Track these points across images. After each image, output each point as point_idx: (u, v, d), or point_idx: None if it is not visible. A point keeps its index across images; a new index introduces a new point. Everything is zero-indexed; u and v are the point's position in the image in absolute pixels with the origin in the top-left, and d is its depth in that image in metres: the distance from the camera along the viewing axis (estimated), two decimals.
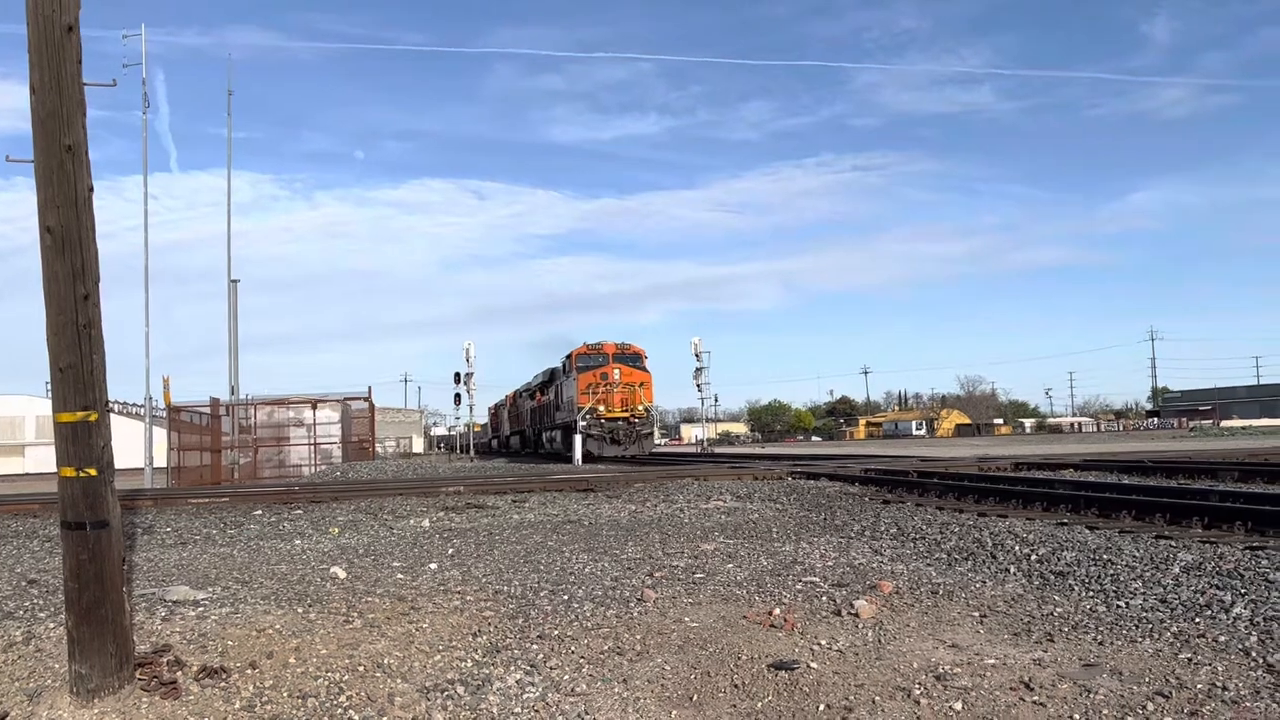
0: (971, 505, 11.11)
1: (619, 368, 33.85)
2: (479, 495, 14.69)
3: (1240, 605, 5.12)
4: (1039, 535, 8.01)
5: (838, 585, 6.27)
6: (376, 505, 13.52)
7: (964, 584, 6.27)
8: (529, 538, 9.36)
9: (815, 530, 9.48)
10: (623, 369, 33.79)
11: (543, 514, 11.82)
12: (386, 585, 6.72)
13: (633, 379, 33.76)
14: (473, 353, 39.46)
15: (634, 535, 9.32)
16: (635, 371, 34.23)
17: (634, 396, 33.34)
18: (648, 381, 34.26)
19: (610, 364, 34.00)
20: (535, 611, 5.67)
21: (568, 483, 16.22)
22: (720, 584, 6.44)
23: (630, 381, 33.59)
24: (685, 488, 14.84)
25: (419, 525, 10.95)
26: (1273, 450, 22.46)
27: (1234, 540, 7.30)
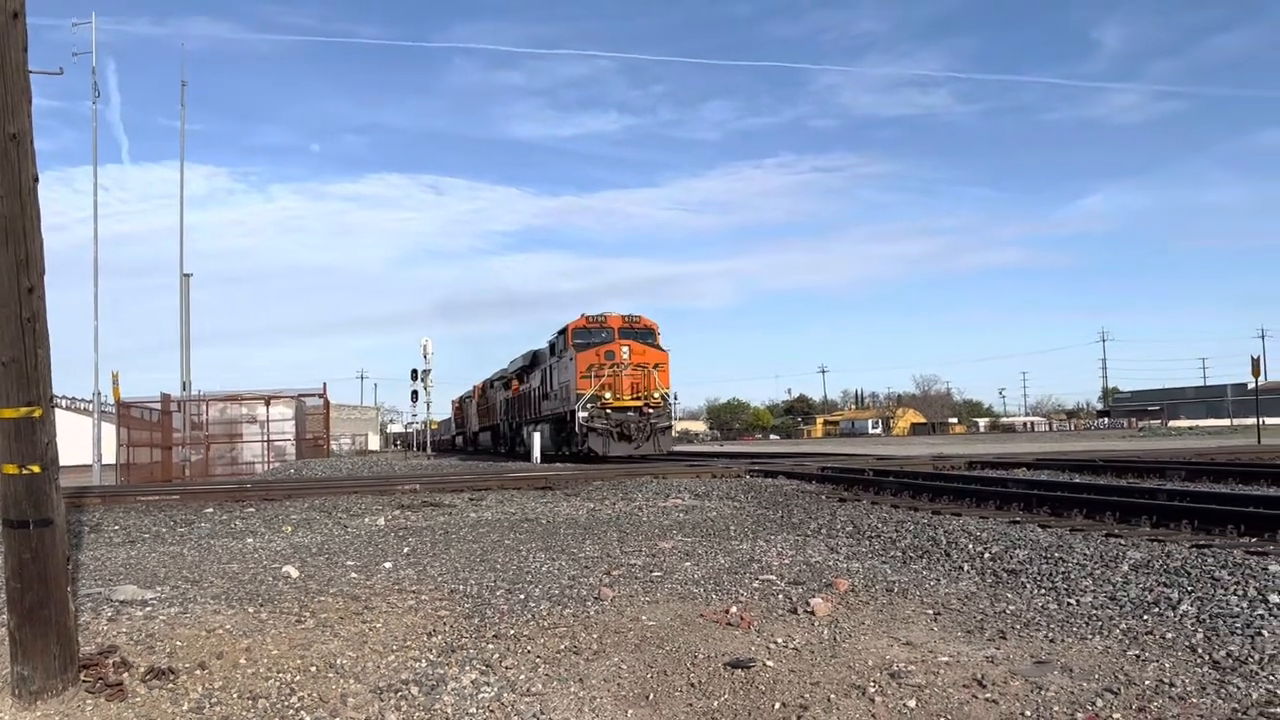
0: (926, 503, 11.22)
1: (628, 344, 27.38)
2: (435, 493, 14.58)
3: (1187, 603, 5.22)
4: (992, 533, 8.10)
5: (794, 583, 6.29)
6: (331, 503, 13.37)
7: (918, 582, 6.32)
8: (486, 536, 9.30)
9: (773, 528, 9.52)
10: (633, 346, 27.38)
11: (500, 512, 11.75)
12: (340, 584, 6.63)
13: (645, 359, 27.47)
14: (430, 349, 39.10)
15: (592, 533, 9.29)
16: (649, 350, 27.84)
17: (648, 381, 27.12)
18: (664, 362, 27.82)
19: (617, 340, 27.63)
20: (491, 611, 5.63)
21: (526, 481, 16.15)
22: (678, 582, 6.43)
23: (643, 362, 27.36)
24: (644, 486, 14.84)
25: (374, 524, 10.84)
26: (1218, 450, 22.97)
27: (1181, 539, 7.44)
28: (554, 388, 30.72)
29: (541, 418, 32.89)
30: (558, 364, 30.07)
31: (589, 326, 28.54)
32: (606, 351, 27.27)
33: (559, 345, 30.17)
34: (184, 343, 33.27)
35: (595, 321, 28.53)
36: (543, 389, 32.76)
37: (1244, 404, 69.26)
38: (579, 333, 28.56)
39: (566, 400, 28.32)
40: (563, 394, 29.07)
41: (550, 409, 31.28)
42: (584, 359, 27.23)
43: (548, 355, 32.27)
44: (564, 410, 28.60)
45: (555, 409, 30.31)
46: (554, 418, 30.49)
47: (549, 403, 31.62)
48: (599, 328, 28.34)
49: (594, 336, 28.17)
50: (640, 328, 28.61)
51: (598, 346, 27.51)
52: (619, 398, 26.81)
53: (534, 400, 34.73)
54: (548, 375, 31.85)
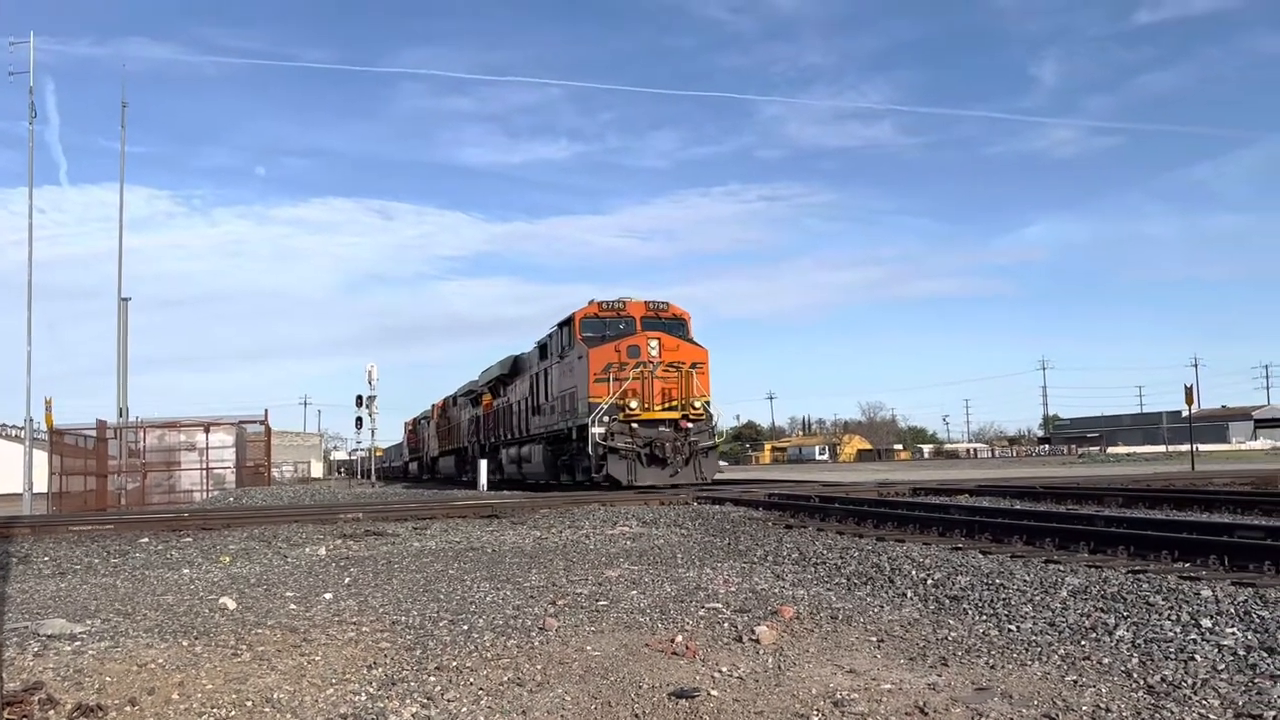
0: (871, 530, 11.31)
1: (657, 337, 21.35)
2: (379, 522, 14.36)
3: (1123, 628, 5.31)
4: (935, 560, 8.19)
5: (740, 611, 6.29)
6: (271, 532, 13.11)
7: (863, 609, 6.36)
8: (429, 566, 9.17)
9: (719, 555, 9.52)
10: (663, 340, 21.37)
11: (444, 541, 11.61)
12: (278, 616, 6.50)
13: (680, 356, 21.34)
14: (375, 375, 38.45)
15: (538, 562, 9.21)
16: (684, 345, 21.74)
17: (685, 385, 21.01)
18: (703, 362, 21.78)
19: (640, 332, 21.70)
20: (433, 642, 5.55)
21: (471, 509, 15.99)
22: (624, 611, 6.40)
23: (678, 361, 21.19)
24: (591, 513, 14.77)
25: (315, 553, 10.64)
26: (1153, 476, 23.49)
27: (1118, 564, 7.57)
28: (549, 397, 24.63)
29: (528, 437, 26.88)
30: (558, 366, 23.80)
31: (602, 315, 22.25)
32: (629, 347, 21.05)
33: (559, 342, 23.84)
34: (121, 368, 32.55)
35: (610, 309, 22.27)
36: (532, 400, 26.48)
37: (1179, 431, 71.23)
38: (589, 323, 22.23)
39: (571, 412, 22.35)
40: (565, 404, 23.01)
41: (543, 425, 25.02)
42: (598, 357, 21.07)
43: (536, 359, 26.48)
44: (566, 425, 22.58)
45: (552, 424, 24.10)
46: (549, 436, 24.41)
47: (541, 418, 25.31)
48: (615, 316, 22.16)
49: (609, 328, 22.00)
50: (669, 317, 22.50)
51: (615, 341, 21.31)
52: (648, 407, 20.73)
53: (516, 416, 28.74)
54: (539, 383, 25.72)
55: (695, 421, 21.02)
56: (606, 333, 21.99)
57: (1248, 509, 13.00)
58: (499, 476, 31.87)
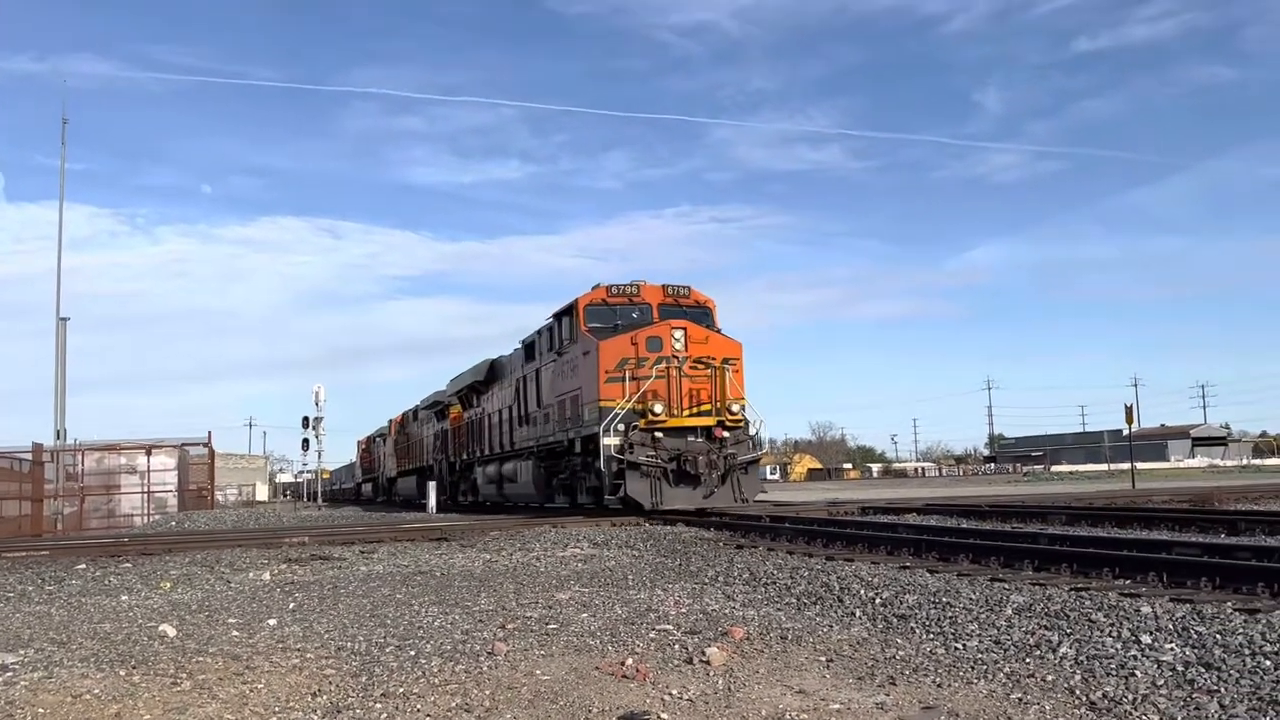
0: (821, 549, 11.38)
1: (683, 327, 17.77)
2: (325, 546, 14.14)
3: (1066, 645, 5.39)
4: (883, 579, 8.25)
5: (691, 633, 6.28)
6: (213, 557, 12.84)
7: (812, 628, 6.38)
8: (376, 590, 9.05)
9: (670, 577, 9.51)
10: (690, 330, 17.77)
11: (392, 565, 11.46)
12: (220, 643, 6.36)
13: (711, 350, 17.78)
14: (322, 396, 37.95)
15: (487, 586, 9.13)
16: (714, 336, 18.17)
17: (719, 385, 17.47)
18: (737, 358, 18.07)
19: (658, 321, 18.14)
20: (380, 668, 5.46)
21: (420, 532, 15.81)
22: (574, 634, 6.36)
23: (707, 356, 17.63)
24: (542, 535, 14.68)
25: (259, 578, 10.44)
26: (1096, 495, 23.97)
27: (1061, 582, 7.70)
28: (541, 404, 20.96)
29: (512, 451, 23.34)
30: (554, 366, 20.09)
31: (611, 301, 18.70)
32: (648, 339, 17.42)
33: (556, 336, 20.06)
34: (59, 389, 31.79)
35: (621, 294, 18.74)
36: (518, 408, 22.79)
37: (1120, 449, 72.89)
38: (595, 311, 18.63)
39: (573, 419, 18.72)
40: (564, 410, 19.31)
41: (533, 437, 21.42)
42: (611, 350, 17.41)
43: (521, 362, 22.95)
44: (566, 436, 19.10)
45: (546, 436, 20.49)
46: (541, 450, 20.88)
47: (531, 428, 21.71)
48: (627, 303, 18.66)
49: (620, 317, 18.45)
50: (690, 304, 18.93)
51: (631, 331, 17.69)
52: (674, 412, 17.18)
53: (495, 428, 25.06)
54: (526, 388, 22.14)
55: (732, 429, 17.29)
56: (618, 322, 18.32)
57: (1185, 526, 13.31)
58: (471, 499, 29.00)
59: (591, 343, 17.92)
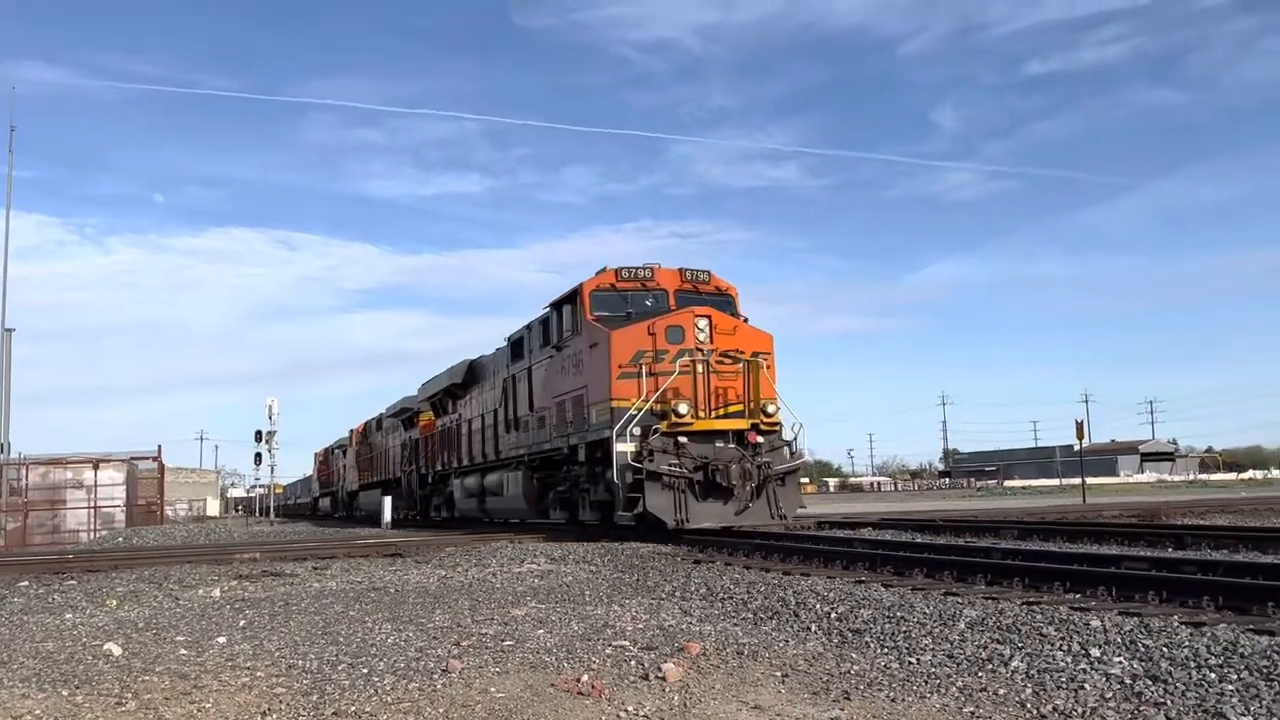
0: (778, 564, 11.41)
1: (707, 315, 15.51)
2: (277, 562, 13.94)
3: (1018, 659, 5.45)
4: (839, 593, 8.29)
5: (647, 648, 6.27)
6: (162, 574, 12.59)
7: (768, 643, 6.39)
8: (329, 607, 8.92)
9: (628, 592, 9.48)
10: (715, 319, 15.51)
11: (345, 581, 11.31)
12: (168, 662, 6.23)
13: (738, 343, 15.52)
14: (276, 409, 37.46)
15: (442, 602, 9.04)
16: (742, 327, 15.89)
17: (753, 384, 15.26)
18: (769, 352, 15.78)
19: (680, 311, 15.79)
20: (331, 687, 5.38)
21: (374, 548, 15.64)
22: (530, 651, 6.31)
23: (735, 350, 15.39)
24: (499, 551, 14.58)
25: (208, 595, 10.26)
26: (1047, 509, 24.32)
27: (1013, 596, 7.79)
28: (534, 406, 18.65)
29: (497, 461, 20.99)
30: (551, 362, 17.69)
31: (622, 287, 16.34)
32: (668, 328, 15.11)
33: (554, 328, 17.61)
34: (3, 403, 31.03)
35: (633, 278, 16.36)
36: (505, 412, 20.45)
37: (1071, 464, 74.07)
38: (603, 298, 16.25)
39: (576, 423, 16.38)
40: (564, 412, 16.92)
41: (524, 444, 19.23)
42: (625, 341, 15.07)
43: (507, 361, 20.65)
44: (567, 443, 16.72)
45: (540, 442, 18.25)
46: (535, 458, 18.74)
47: (521, 434, 19.39)
48: (640, 289, 16.35)
49: (632, 303, 16.23)
50: (711, 292, 16.61)
51: (647, 320, 15.38)
52: (702, 414, 14.88)
53: (476, 435, 22.77)
54: (515, 389, 19.85)
55: (767, 434, 15.05)
56: (629, 310, 16.10)
57: (1134, 540, 13.55)
58: (446, 515, 26.97)
59: (601, 333, 15.40)
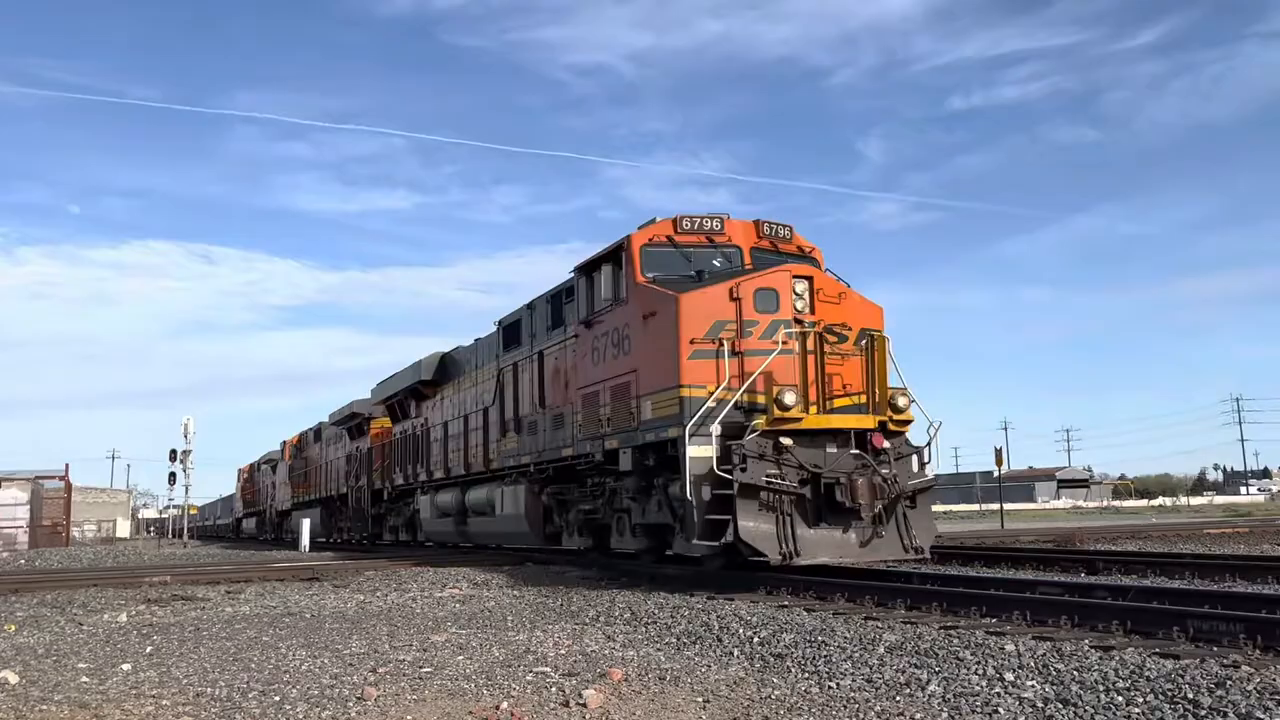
0: (702, 588, 11.40)
1: (807, 275, 11.58)
2: (188, 586, 13.50)
3: (935, 683, 5.52)
4: (761, 618, 8.32)
5: (569, 674, 6.20)
6: (65, 598, 12.11)
7: (690, 668, 6.37)
8: (241, 633, 8.66)
9: (551, 617, 9.39)
10: (818, 282, 11.60)
11: (260, 606, 11.00)
12: (68, 690, 5.98)
13: (846, 314, 11.67)
14: (192, 428, 36.44)
15: (360, 628, 8.84)
16: (850, 294, 12.03)
17: (875, 368, 11.37)
18: (879, 325, 12.02)
19: (769, 270, 11.70)
20: (241, 715, 5.21)
21: (290, 571, 15.26)
22: (448, 678, 6.20)
23: (840, 325, 11.49)
24: (420, 575, 14.34)
25: (114, 620, 9.89)
26: (967, 534, 24.82)
27: (931, 621, 7.90)
28: (546, 402, 14.92)
29: (488, 474, 17.48)
30: (579, 343, 13.74)
31: (682, 240, 12.49)
32: (758, 292, 11.30)
33: (585, 298, 13.60)
34: None
35: (696, 230, 12.50)
36: (501, 411, 16.84)
37: (990, 490, 75.77)
38: (658, 255, 12.44)
39: (619, 419, 12.47)
40: (599, 408, 13.01)
41: (529, 450, 15.46)
42: (697, 308, 11.31)
43: (498, 349, 17.21)
44: (603, 446, 12.85)
45: (558, 446, 14.37)
46: (544, 470, 15.03)
47: (524, 438, 15.77)
48: (705, 244, 12.48)
49: (696, 263, 12.33)
50: (792, 252, 12.82)
51: (728, 281, 11.52)
52: (814, 406, 11.02)
53: (453, 440, 19.55)
54: (517, 380, 16.26)
55: (894, 436, 11.27)
56: (695, 271, 12.13)
57: (1049, 566, 13.88)
58: (406, 538, 23.64)
59: (664, 299, 11.56)
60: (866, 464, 10.79)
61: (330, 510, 30.29)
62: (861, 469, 10.75)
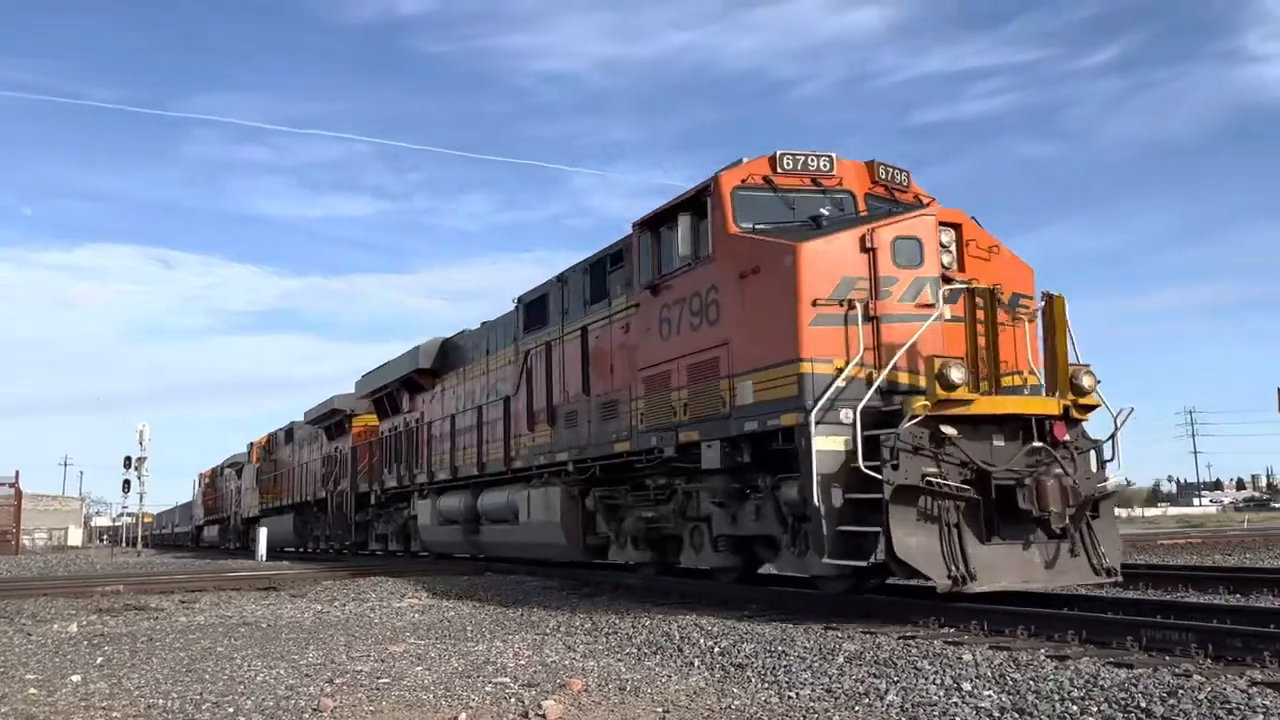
0: (664, 597, 11.40)
1: (955, 221, 9.47)
2: (141, 595, 13.28)
3: (893, 693, 5.56)
4: (723, 628, 8.33)
5: (528, 685, 6.17)
6: (14, 607, 11.85)
7: (651, 679, 6.37)
8: (196, 643, 8.52)
9: (511, 627, 9.34)
10: (968, 229, 9.50)
11: (215, 616, 10.84)
12: (14, 702, 5.85)
13: (999, 275, 9.47)
14: (147, 434, 35.80)
15: (317, 638, 8.74)
16: (1004, 250, 9.81)
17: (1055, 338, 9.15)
18: (1030, 291, 9.92)
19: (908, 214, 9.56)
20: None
21: (247, 580, 15.06)
22: (406, 689, 6.14)
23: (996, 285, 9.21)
24: (378, 585, 14.20)
25: (64, 630, 9.69)
26: None
27: (890, 630, 7.95)
28: (591, 388, 12.83)
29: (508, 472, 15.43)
30: (641, 313, 11.63)
31: (780, 183, 10.43)
32: (898, 242, 9.24)
33: (652, 257, 11.51)
34: None
35: (800, 170, 10.49)
36: (529, 398, 14.64)
37: None
38: (754, 200, 10.37)
39: (700, 404, 10.45)
40: (669, 392, 10.98)
41: (571, 445, 13.20)
42: (821, 259, 9.17)
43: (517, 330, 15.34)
44: (678, 439, 10.74)
45: (610, 439, 12.25)
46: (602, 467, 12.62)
47: (564, 431, 13.54)
48: (810, 188, 10.45)
49: (800, 209, 10.29)
50: (910, 202, 10.82)
51: (851, 228, 9.50)
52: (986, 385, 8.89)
53: (462, 436, 17.29)
54: (549, 361, 14.11)
55: (1074, 424, 9.27)
56: (805, 216, 10.10)
57: None
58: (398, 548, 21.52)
59: (774, 250, 9.46)
60: (1044, 461, 8.73)
61: (304, 517, 28.18)
62: (1043, 467, 8.69)
